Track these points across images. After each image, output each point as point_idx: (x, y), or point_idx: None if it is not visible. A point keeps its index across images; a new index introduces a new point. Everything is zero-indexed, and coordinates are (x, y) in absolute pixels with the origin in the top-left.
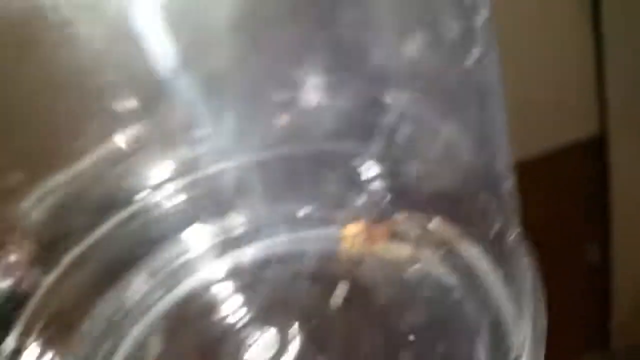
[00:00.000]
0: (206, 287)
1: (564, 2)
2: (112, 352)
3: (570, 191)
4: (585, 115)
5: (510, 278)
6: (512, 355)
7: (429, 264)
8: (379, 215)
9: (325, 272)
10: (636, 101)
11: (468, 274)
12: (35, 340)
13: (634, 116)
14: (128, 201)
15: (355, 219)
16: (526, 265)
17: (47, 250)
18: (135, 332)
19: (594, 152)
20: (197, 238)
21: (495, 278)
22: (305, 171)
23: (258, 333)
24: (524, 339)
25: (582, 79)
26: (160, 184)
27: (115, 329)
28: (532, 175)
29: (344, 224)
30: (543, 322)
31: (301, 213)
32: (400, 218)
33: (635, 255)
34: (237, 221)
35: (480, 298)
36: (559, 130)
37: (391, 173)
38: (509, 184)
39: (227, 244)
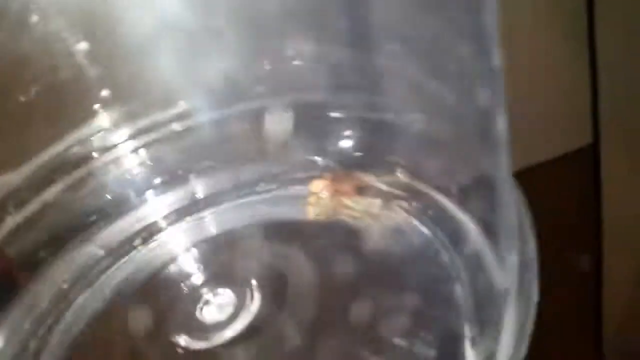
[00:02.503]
0: (164, 250)
1: (558, 16)
2: (57, 320)
3: (562, 201)
4: (579, 127)
5: (495, 226)
6: (497, 299)
7: (401, 216)
8: (345, 170)
9: (289, 233)
10: (627, 113)
11: (443, 223)
12: None
13: (625, 127)
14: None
15: (321, 176)
16: (514, 209)
17: None
18: (82, 298)
19: (585, 162)
20: (157, 201)
21: (476, 226)
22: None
23: (213, 294)
24: (508, 286)
25: (576, 91)
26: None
27: (62, 296)
28: (524, 185)
29: (310, 181)
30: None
31: (266, 172)
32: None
33: (626, 265)
34: (198, 183)
35: (457, 246)
36: (552, 142)
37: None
38: (500, 123)
39: (187, 208)
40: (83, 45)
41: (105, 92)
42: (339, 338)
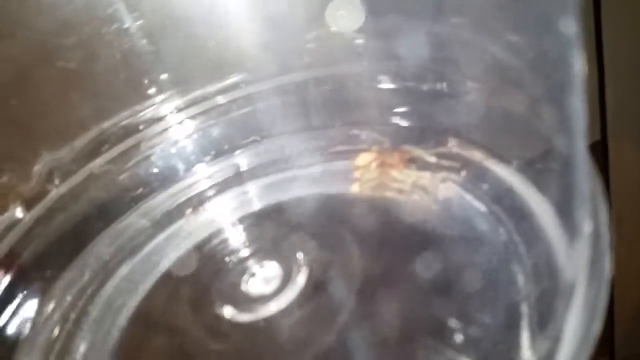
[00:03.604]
0: (209, 222)
1: None
2: (98, 290)
3: None
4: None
5: (562, 199)
6: (563, 280)
7: (453, 189)
8: (394, 143)
9: (335, 206)
10: (634, 110)
11: (500, 197)
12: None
13: (632, 124)
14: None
15: (369, 149)
16: (586, 180)
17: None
18: (125, 270)
19: (593, 159)
20: (202, 174)
21: (537, 201)
22: (322, 98)
23: (260, 266)
24: (577, 266)
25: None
26: (166, 117)
27: (105, 267)
28: None
29: (356, 155)
30: (606, 247)
31: (312, 146)
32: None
33: (636, 264)
34: (244, 156)
35: (516, 222)
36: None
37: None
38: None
39: (232, 181)
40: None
41: (153, 64)
42: (386, 316)
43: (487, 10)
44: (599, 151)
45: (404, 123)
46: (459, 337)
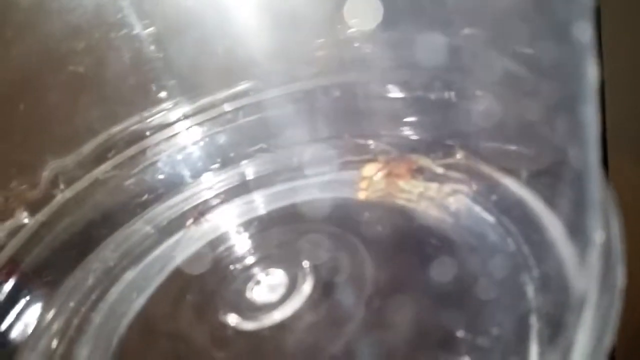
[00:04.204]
0: (214, 229)
1: None
2: (102, 297)
3: None
4: None
5: (572, 212)
6: (573, 294)
7: (461, 200)
8: (401, 153)
9: (341, 216)
10: (634, 121)
11: (509, 209)
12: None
13: (632, 134)
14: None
15: (375, 159)
16: (598, 192)
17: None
18: (130, 275)
19: None
20: (208, 181)
21: (547, 212)
22: (330, 108)
23: (265, 274)
24: (589, 277)
25: None
26: (173, 124)
27: (109, 273)
28: None
29: (363, 165)
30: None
31: (319, 155)
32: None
33: (636, 275)
34: (250, 165)
35: (525, 234)
36: None
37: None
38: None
39: (238, 189)
40: (140, 22)
41: (161, 71)
42: (393, 326)
43: (497, 20)
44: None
45: (412, 133)
46: (467, 348)
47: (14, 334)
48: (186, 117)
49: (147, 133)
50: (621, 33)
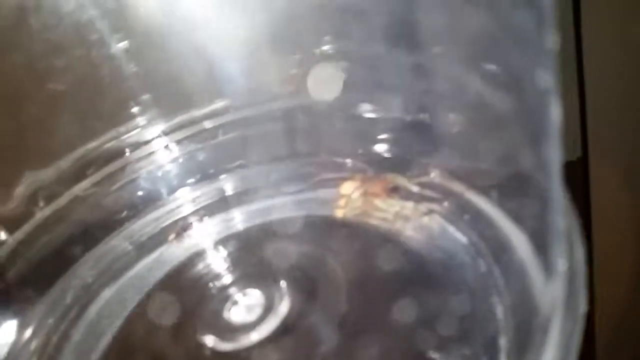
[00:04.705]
0: (192, 247)
1: None
2: (80, 314)
3: None
4: (568, 140)
5: (540, 232)
6: (541, 313)
7: (434, 219)
8: (377, 172)
9: (319, 234)
10: (614, 126)
11: (481, 229)
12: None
13: (613, 140)
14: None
15: (352, 177)
16: (563, 214)
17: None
18: (107, 293)
19: (577, 175)
20: (187, 198)
21: (518, 232)
22: (307, 126)
23: (242, 294)
24: (553, 301)
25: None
26: (152, 141)
27: (87, 290)
28: None
29: (341, 183)
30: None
31: (296, 173)
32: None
33: (616, 280)
34: (228, 181)
35: (496, 253)
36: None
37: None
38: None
39: (217, 206)
40: (119, 40)
41: (140, 88)
42: (366, 347)
43: (468, 41)
44: (580, 168)
45: (387, 152)
46: None
47: None
48: (165, 133)
49: (126, 150)
50: (602, 41)
